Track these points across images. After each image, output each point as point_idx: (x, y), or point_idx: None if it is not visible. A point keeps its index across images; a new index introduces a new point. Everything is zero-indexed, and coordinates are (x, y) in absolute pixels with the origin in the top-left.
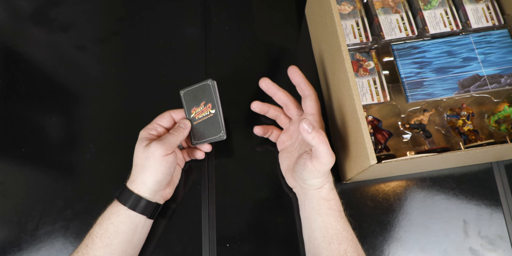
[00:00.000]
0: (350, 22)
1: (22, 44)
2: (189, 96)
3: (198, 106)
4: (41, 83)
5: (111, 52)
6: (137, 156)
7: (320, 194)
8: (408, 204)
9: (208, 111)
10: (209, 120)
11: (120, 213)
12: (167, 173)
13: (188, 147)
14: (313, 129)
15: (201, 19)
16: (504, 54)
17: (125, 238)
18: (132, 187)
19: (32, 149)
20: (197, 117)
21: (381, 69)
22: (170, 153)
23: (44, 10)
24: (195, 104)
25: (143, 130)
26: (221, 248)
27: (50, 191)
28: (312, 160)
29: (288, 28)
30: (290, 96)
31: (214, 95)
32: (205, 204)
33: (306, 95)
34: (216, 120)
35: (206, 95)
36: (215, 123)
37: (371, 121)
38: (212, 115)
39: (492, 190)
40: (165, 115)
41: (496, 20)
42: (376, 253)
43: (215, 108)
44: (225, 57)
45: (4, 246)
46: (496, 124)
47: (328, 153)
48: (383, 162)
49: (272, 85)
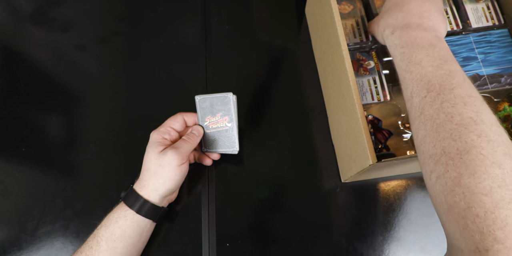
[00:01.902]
0: (350, 22)
1: (22, 44)
2: (205, 104)
3: (214, 116)
4: (41, 82)
5: (111, 52)
6: (150, 162)
7: (393, 38)
8: (408, 204)
9: (224, 123)
10: (223, 132)
11: (128, 217)
12: (180, 181)
13: (194, 150)
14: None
15: (201, 19)
16: (504, 54)
17: (131, 242)
18: (142, 192)
19: (32, 148)
20: (211, 126)
21: (381, 68)
22: (185, 162)
23: (44, 10)
24: (211, 113)
25: (156, 133)
26: (221, 247)
27: (50, 190)
28: None
29: (288, 28)
30: None
31: (233, 110)
32: (205, 204)
33: None
34: (231, 134)
35: (225, 107)
36: (230, 137)
37: (371, 121)
38: (228, 128)
39: None
40: (178, 118)
41: (496, 20)
42: (376, 252)
43: (232, 123)
44: (225, 57)
45: (4, 245)
46: None
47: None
48: (383, 161)
49: None
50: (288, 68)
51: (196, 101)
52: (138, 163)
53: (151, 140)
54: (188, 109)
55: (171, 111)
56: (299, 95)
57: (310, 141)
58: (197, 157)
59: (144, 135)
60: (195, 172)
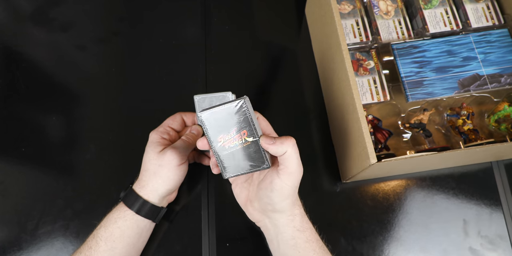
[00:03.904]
0: (350, 22)
1: (22, 44)
2: (205, 104)
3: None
4: (41, 82)
5: (111, 52)
6: (149, 162)
7: (294, 224)
8: (408, 204)
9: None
10: (246, 150)
11: (128, 218)
12: (179, 181)
13: (193, 150)
14: (275, 139)
15: (201, 19)
16: (504, 54)
17: (130, 242)
18: (141, 192)
19: (32, 149)
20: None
21: (381, 68)
22: (185, 162)
23: (44, 9)
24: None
25: (155, 133)
26: (221, 248)
27: (50, 190)
28: (280, 173)
29: (288, 27)
30: None
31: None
32: (205, 204)
33: None
34: (256, 149)
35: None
36: (255, 152)
37: (371, 121)
38: (250, 143)
39: (492, 190)
40: (177, 118)
41: (496, 20)
42: (376, 252)
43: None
44: (225, 57)
45: (4, 245)
46: (496, 124)
47: (297, 158)
48: (383, 161)
49: None
50: (288, 68)
51: (195, 101)
52: (137, 163)
53: (150, 140)
54: (188, 109)
55: (171, 111)
56: (299, 95)
57: (310, 141)
58: (196, 157)
59: (144, 135)
60: (195, 172)
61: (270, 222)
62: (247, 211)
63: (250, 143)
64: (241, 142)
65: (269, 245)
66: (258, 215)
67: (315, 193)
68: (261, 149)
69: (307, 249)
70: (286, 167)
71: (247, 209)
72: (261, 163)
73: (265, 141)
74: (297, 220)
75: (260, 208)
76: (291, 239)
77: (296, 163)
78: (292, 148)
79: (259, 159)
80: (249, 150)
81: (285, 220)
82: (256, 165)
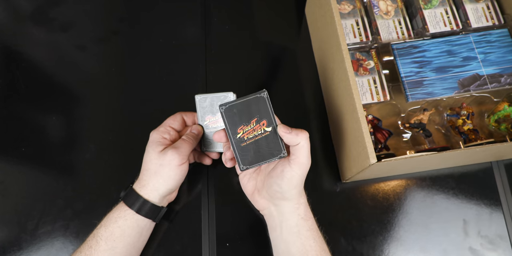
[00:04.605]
0: (350, 22)
1: (22, 44)
2: (206, 103)
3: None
4: (41, 82)
5: (111, 52)
6: (150, 161)
7: (299, 212)
8: (408, 204)
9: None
10: (264, 140)
11: (128, 217)
12: (180, 181)
13: (194, 150)
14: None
15: (201, 19)
16: (504, 54)
17: (130, 241)
18: (142, 192)
19: (32, 148)
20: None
21: (381, 68)
22: (185, 161)
23: (44, 9)
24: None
25: (155, 133)
26: (221, 247)
27: (50, 190)
28: (291, 163)
29: (288, 27)
30: None
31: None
32: (205, 204)
33: None
34: (274, 139)
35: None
36: (272, 142)
37: (371, 120)
38: (268, 133)
39: (492, 190)
40: (177, 117)
41: (496, 20)
42: (376, 252)
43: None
44: (225, 57)
45: (4, 245)
46: (496, 124)
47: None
48: (383, 161)
49: None
50: (288, 68)
51: (196, 101)
52: (137, 163)
53: (151, 139)
54: (188, 108)
55: (171, 111)
56: (299, 95)
57: (310, 141)
58: (196, 157)
59: (144, 135)
60: (195, 172)
61: (276, 209)
62: (253, 199)
63: (268, 133)
64: (260, 133)
65: (271, 233)
66: (264, 203)
67: (315, 193)
68: (279, 138)
69: (309, 237)
70: (297, 158)
71: (254, 197)
72: (278, 152)
73: (282, 129)
74: (302, 208)
75: (268, 196)
76: (294, 226)
77: (307, 155)
78: (306, 140)
79: (276, 148)
80: (267, 140)
81: (291, 208)
82: (274, 154)
